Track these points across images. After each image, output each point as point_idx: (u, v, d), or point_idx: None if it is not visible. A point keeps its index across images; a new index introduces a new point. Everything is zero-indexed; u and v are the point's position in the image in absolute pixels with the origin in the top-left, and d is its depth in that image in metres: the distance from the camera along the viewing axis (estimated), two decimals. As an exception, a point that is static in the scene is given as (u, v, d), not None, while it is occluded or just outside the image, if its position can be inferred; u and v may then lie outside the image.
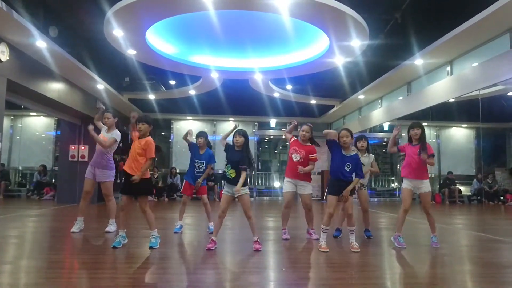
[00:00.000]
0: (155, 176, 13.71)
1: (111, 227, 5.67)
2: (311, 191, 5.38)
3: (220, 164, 14.67)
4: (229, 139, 4.85)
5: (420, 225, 7.05)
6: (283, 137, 5.53)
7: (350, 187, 4.66)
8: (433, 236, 4.96)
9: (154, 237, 4.61)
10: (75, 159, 10.71)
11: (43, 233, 5.98)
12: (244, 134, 4.68)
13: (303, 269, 3.91)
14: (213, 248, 4.51)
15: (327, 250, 4.54)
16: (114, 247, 4.46)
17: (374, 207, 11.34)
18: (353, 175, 4.72)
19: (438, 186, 14.38)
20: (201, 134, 5.85)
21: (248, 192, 4.70)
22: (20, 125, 14.23)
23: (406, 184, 4.96)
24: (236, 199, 4.70)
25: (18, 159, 14.00)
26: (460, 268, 4.05)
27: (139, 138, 4.65)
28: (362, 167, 4.81)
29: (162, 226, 6.77)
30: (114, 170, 5.81)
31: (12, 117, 13.97)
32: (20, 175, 14.48)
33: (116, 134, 5.68)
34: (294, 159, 5.24)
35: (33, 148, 14.14)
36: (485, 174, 13.87)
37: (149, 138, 4.64)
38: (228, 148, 4.74)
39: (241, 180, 4.51)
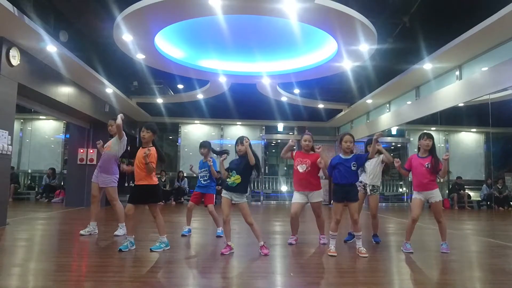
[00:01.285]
0: (163, 180, 13.76)
1: (120, 230, 5.70)
2: (321, 198, 5.22)
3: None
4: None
5: (429, 231, 6.99)
6: (283, 155, 5.38)
7: (373, 148, 4.76)
8: (443, 243, 4.91)
9: (160, 242, 4.66)
10: (84, 163, 10.78)
11: (52, 236, 6.02)
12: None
13: (311, 274, 3.89)
14: (227, 253, 4.47)
15: (336, 254, 4.52)
16: (120, 250, 4.48)
17: (382, 212, 11.27)
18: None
19: (447, 191, 14.26)
20: (204, 145, 5.85)
21: (246, 200, 4.64)
22: (30, 128, 14.38)
23: (416, 194, 4.89)
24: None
25: (28, 162, 14.13)
26: (470, 275, 4.00)
27: (142, 146, 4.71)
28: (361, 154, 4.89)
29: (170, 229, 6.79)
30: (117, 175, 5.82)
31: (22, 120, 14.12)
32: (29, 178, 14.62)
33: (123, 138, 5.72)
34: (301, 170, 5.11)
35: (42, 151, 14.27)
36: (495, 179, 13.73)
37: (153, 148, 4.69)
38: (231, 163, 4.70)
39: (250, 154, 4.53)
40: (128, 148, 6.41)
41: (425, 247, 5.28)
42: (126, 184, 11.92)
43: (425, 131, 5.03)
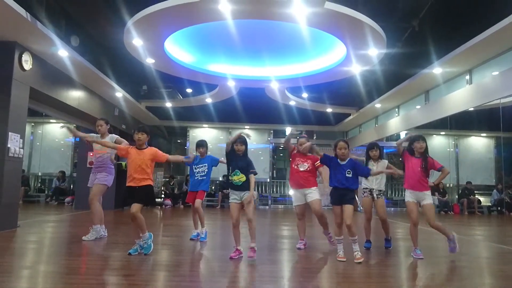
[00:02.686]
0: (171, 184, 13.81)
1: (90, 235, 5.53)
2: (318, 196, 5.19)
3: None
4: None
5: (438, 236, 6.91)
6: (285, 144, 5.40)
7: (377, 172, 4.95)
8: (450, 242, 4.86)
9: (145, 241, 4.59)
10: (93, 166, 10.82)
11: (61, 238, 6.07)
12: (245, 142, 4.63)
13: (320, 279, 3.87)
14: (236, 257, 4.44)
15: (345, 259, 4.49)
16: (130, 254, 4.49)
17: (390, 216, 11.19)
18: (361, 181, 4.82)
19: (457, 196, 14.12)
20: (202, 144, 5.80)
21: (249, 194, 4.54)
22: (41, 131, 14.54)
23: (409, 197, 4.86)
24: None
25: (38, 165, 14.28)
26: (480, 281, 3.96)
27: (138, 148, 4.69)
28: (362, 165, 4.85)
29: (179, 233, 6.82)
30: (112, 177, 5.83)
31: (33, 124, 14.28)
32: (40, 181, 14.76)
33: (111, 138, 5.71)
34: (302, 169, 5.20)
35: (52, 155, 14.41)
36: (505, 184, 13.56)
37: (153, 147, 4.79)
38: (231, 152, 4.65)
39: (253, 185, 4.48)
40: None
41: (434, 253, 5.23)
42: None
43: (418, 134, 5.02)
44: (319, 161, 5.09)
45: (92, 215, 5.61)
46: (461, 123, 12.64)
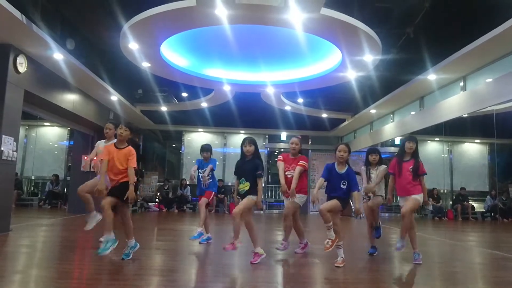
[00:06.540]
0: (165, 188, 13.77)
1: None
2: (297, 201, 5.13)
3: (230, 176, 14.72)
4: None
5: (432, 242, 6.94)
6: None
7: (357, 204, 4.55)
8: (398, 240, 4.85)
9: (130, 247, 4.51)
10: (87, 170, 10.78)
11: (54, 242, 6.02)
12: (253, 142, 4.58)
13: (315, 283, 3.86)
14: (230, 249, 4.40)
15: (342, 265, 4.43)
16: (123, 259, 4.45)
17: (384, 222, 11.20)
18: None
19: (451, 202, 14.18)
20: (205, 148, 5.88)
21: (254, 198, 4.47)
22: (34, 135, 14.44)
23: (401, 201, 4.87)
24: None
25: (31, 168, 14.17)
26: (474, 287, 3.96)
27: (116, 146, 4.51)
28: (357, 181, 4.69)
29: (174, 237, 6.79)
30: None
31: (26, 127, 14.17)
32: (33, 184, 14.65)
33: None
34: (289, 176, 5.17)
35: (46, 158, 14.30)
36: (499, 190, 13.64)
37: (131, 148, 4.53)
38: (237, 165, 4.66)
39: (260, 192, 4.42)
40: None
41: (427, 259, 5.23)
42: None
43: (409, 135, 5.00)
44: (304, 162, 5.12)
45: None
46: (455, 130, 12.68)
